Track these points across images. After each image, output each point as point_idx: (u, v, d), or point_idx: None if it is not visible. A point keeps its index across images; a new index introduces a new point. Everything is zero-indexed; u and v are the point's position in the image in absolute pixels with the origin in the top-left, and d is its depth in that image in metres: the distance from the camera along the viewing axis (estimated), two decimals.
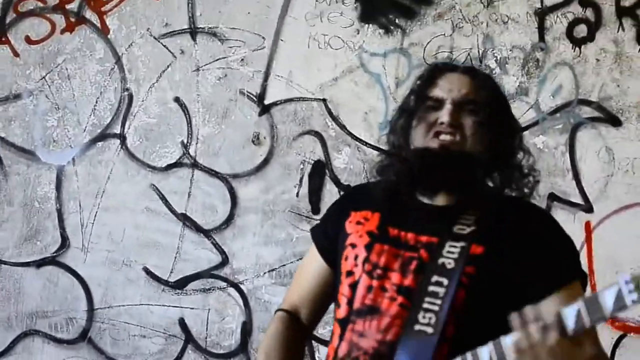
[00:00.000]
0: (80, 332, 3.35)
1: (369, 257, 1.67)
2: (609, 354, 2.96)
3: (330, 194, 3.12)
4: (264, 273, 3.16)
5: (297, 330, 1.85)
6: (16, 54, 3.34)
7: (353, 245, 1.72)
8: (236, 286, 3.22)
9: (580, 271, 1.66)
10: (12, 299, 3.38)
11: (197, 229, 3.24)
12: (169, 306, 3.27)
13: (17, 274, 3.38)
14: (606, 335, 2.90)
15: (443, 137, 1.65)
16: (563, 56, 3.00)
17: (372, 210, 1.74)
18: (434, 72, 1.74)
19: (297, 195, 3.14)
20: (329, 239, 1.81)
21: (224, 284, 3.23)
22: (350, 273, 1.70)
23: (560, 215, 2.97)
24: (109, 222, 3.32)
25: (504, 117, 1.72)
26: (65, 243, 3.34)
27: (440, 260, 1.60)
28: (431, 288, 1.58)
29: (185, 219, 3.25)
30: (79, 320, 3.35)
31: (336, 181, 3.12)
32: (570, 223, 2.96)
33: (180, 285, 3.26)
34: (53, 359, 3.37)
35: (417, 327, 1.56)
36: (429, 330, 1.55)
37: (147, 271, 3.29)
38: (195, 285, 3.25)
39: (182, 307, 3.27)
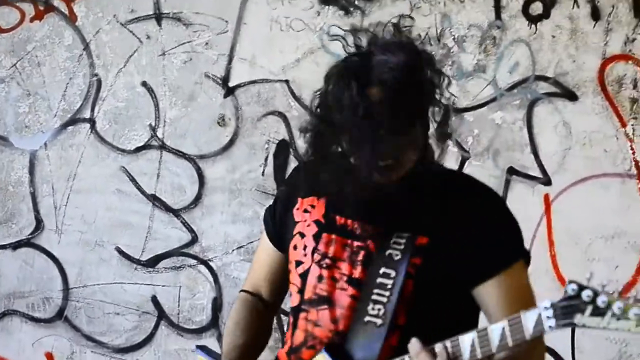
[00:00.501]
0: (57, 311, 3.42)
1: (318, 247, 1.69)
2: None
3: None
4: (233, 250, 3.24)
5: (260, 308, 1.88)
6: None
7: (302, 235, 1.73)
8: (206, 263, 3.29)
9: (522, 251, 1.66)
10: None
11: (167, 208, 3.31)
12: (142, 284, 3.34)
13: None
14: None
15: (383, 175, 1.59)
16: (519, 33, 3.02)
17: (317, 196, 1.73)
18: None
19: (263, 174, 3.20)
20: (276, 227, 1.83)
21: (194, 262, 3.30)
22: (299, 263, 1.72)
23: (520, 188, 3.03)
24: (81, 204, 3.38)
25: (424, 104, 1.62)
26: (39, 225, 3.41)
27: (388, 252, 1.62)
28: (379, 280, 1.61)
29: (155, 200, 3.32)
30: (55, 299, 3.42)
31: (300, 160, 3.16)
32: (530, 196, 3.02)
33: (151, 263, 3.33)
34: (31, 338, 3.45)
35: (366, 318, 1.60)
36: (378, 321, 1.59)
37: (120, 251, 3.36)
38: (167, 264, 3.32)
39: (154, 285, 3.34)
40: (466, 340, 1.47)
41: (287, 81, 3.17)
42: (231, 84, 3.22)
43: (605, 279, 2.92)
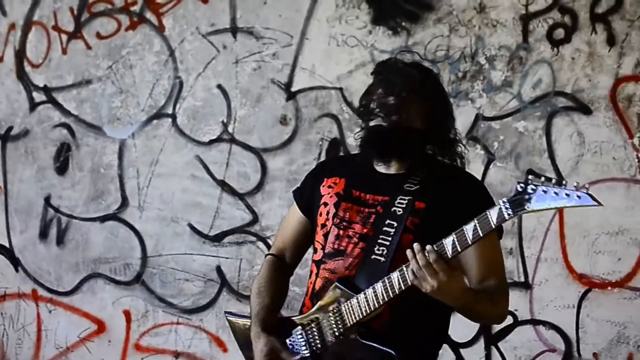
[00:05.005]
0: (135, 276, 3.68)
1: (337, 213, 2.04)
2: (575, 305, 3.13)
3: None
4: None
5: (283, 269, 2.20)
6: (89, 47, 3.70)
7: (325, 204, 2.07)
8: (264, 240, 3.49)
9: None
10: (80, 248, 3.77)
11: (233, 193, 3.52)
12: (208, 256, 3.57)
13: (85, 227, 3.75)
14: (574, 290, 3.13)
15: (393, 117, 1.96)
16: (543, 55, 3.13)
17: (339, 177, 2.10)
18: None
19: None
20: (305, 199, 2.16)
21: (254, 239, 3.50)
22: (323, 225, 2.07)
23: None
24: (160, 186, 3.62)
25: (440, 103, 2.02)
26: (125, 202, 3.67)
27: (393, 209, 1.98)
28: (385, 228, 1.97)
29: (224, 185, 3.52)
30: (134, 265, 3.68)
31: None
32: None
33: (218, 238, 3.54)
34: (112, 297, 3.71)
35: (373, 256, 1.95)
36: (382, 259, 1.94)
37: (191, 227, 3.58)
38: (230, 239, 3.53)
39: (219, 257, 3.55)
40: (448, 241, 1.81)
41: (340, 89, 3.34)
42: (293, 89, 3.42)
43: (610, 270, 3.12)
